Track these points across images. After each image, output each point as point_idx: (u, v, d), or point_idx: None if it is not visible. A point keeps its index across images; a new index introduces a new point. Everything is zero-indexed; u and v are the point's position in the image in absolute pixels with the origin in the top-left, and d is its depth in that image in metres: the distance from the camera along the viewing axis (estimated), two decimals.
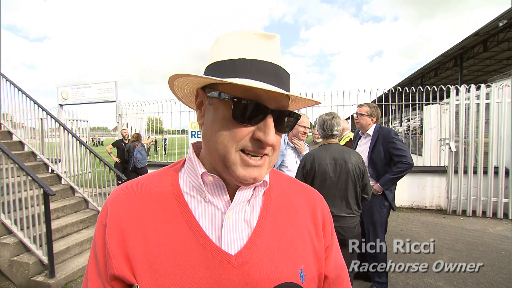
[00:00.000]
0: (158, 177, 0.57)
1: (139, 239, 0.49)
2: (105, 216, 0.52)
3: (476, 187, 5.39)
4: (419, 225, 4.86)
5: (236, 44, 0.49)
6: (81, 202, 4.42)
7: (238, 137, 0.47)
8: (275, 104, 0.48)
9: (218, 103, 0.49)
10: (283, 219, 0.57)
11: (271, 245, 0.53)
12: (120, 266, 0.48)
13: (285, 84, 0.50)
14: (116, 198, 0.54)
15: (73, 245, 3.52)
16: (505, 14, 8.09)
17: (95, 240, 0.52)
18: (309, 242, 0.57)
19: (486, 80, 5.98)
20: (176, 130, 8.34)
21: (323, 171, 2.10)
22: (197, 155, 0.56)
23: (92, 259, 0.52)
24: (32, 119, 5.18)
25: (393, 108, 6.63)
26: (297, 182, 0.67)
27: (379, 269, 2.69)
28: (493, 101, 5.27)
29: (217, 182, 0.52)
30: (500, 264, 3.37)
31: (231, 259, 0.49)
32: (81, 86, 8.57)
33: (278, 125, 0.49)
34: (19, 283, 3.06)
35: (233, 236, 0.51)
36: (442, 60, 13.48)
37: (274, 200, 0.58)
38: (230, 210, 0.52)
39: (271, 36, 0.49)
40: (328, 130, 2.20)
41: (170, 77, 0.51)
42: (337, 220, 2.07)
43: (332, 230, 0.65)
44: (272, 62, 0.48)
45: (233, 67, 0.47)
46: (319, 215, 0.62)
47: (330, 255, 0.62)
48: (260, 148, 0.48)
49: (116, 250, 0.49)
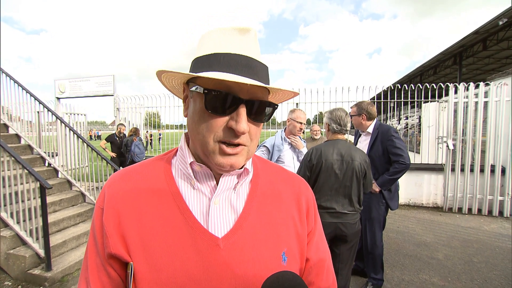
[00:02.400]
0: (152, 164, 0.61)
1: (134, 221, 0.53)
2: (102, 200, 0.56)
3: (473, 185, 5.43)
4: (416, 222, 4.90)
5: (214, 40, 0.52)
6: (78, 196, 4.41)
7: (213, 128, 0.50)
8: (248, 95, 0.50)
9: (196, 95, 0.53)
10: (269, 205, 0.60)
11: (256, 229, 0.56)
12: (116, 245, 0.51)
13: (260, 75, 0.52)
14: (112, 183, 0.57)
15: (70, 239, 3.52)
16: (505, 13, 8.07)
17: (94, 222, 0.56)
18: (292, 226, 0.61)
19: (485, 79, 5.99)
20: (174, 125, 8.32)
21: (329, 166, 2.08)
22: (188, 145, 0.60)
23: (91, 239, 0.56)
24: (29, 112, 5.14)
25: (391, 106, 6.64)
26: (284, 171, 0.71)
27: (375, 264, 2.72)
28: (491, 99, 5.28)
29: (204, 171, 0.56)
30: (494, 261, 3.41)
31: (218, 241, 0.52)
32: (78, 80, 8.49)
33: (254, 114, 0.52)
34: (15, 276, 3.06)
35: (220, 220, 0.55)
36: (442, 58, 13.46)
37: (261, 188, 0.62)
38: (216, 196, 0.55)
39: (246, 30, 0.52)
40: (343, 126, 2.19)
41: (157, 73, 0.55)
42: (339, 217, 2.07)
43: (316, 216, 0.68)
44: (244, 55, 0.51)
45: (208, 61, 0.51)
46: (303, 202, 0.65)
47: (313, 239, 0.65)
48: (234, 136, 0.50)
49: (113, 231, 0.52)
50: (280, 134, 2.76)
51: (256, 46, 0.54)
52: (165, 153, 0.64)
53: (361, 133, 2.96)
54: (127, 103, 7.87)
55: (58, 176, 4.66)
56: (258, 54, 0.53)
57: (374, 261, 2.72)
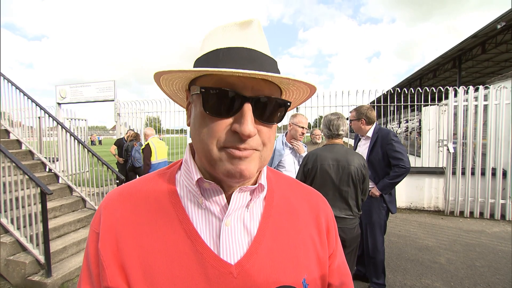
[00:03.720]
0: (154, 180, 0.54)
1: (134, 248, 0.46)
2: (98, 223, 0.50)
3: (474, 188, 5.41)
4: (417, 226, 4.87)
5: (215, 38, 0.48)
6: (79, 201, 4.40)
7: (215, 132, 0.44)
8: (253, 92, 0.43)
9: (196, 99, 0.47)
10: (285, 226, 0.54)
11: (273, 253, 0.50)
12: (114, 278, 0.45)
13: (267, 68, 0.45)
14: (109, 204, 0.51)
15: (70, 245, 3.51)
16: (503, 16, 8.13)
17: (88, 248, 0.50)
18: (312, 249, 0.55)
19: (484, 82, 6.00)
20: (175, 130, 8.33)
21: (325, 171, 2.09)
22: (193, 157, 0.54)
23: (85, 268, 0.50)
24: (30, 118, 5.16)
25: (391, 109, 6.65)
26: (299, 185, 0.64)
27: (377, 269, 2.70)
28: (491, 102, 5.29)
29: (213, 188, 0.49)
30: (497, 265, 3.38)
31: (231, 269, 0.46)
32: (79, 85, 8.54)
33: (262, 114, 0.45)
34: (15, 282, 3.04)
35: (233, 244, 0.49)
36: (441, 62, 13.52)
37: (276, 206, 0.55)
38: (228, 216, 0.49)
39: (248, 22, 0.47)
40: (334, 130, 2.19)
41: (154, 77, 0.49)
42: (338, 221, 2.05)
43: (336, 236, 0.63)
44: (246, 47, 0.45)
45: (206, 59, 0.46)
46: (322, 221, 0.59)
47: (334, 262, 0.60)
48: (240, 141, 0.43)
49: (110, 260, 0.46)
50: (281, 138, 2.77)
51: (261, 38, 0.48)
52: (167, 167, 0.58)
53: (361, 137, 2.97)
54: (128, 108, 7.90)
55: (58, 182, 4.65)
56: (263, 47, 0.47)
57: (376, 266, 2.70)
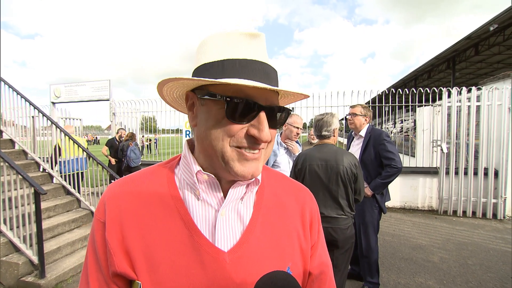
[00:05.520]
0: (154, 174, 0.58)
1: (137, 236, 0.51)
2: (103, 213, 0.54)
3: (467, 188, 5.49)
4: (411, 226, 4.93)
5: (222, 45, 0.50)
6: (73, 201, 4.36)
7: (231, 132, 0.48)
8: (266, 101, 0.49)
9: (211, 103, 0.49)
10: (273, 217, 0.59)
11: (262, 242, 0.55)
12: (121, 263, 0.49)
13: (274, 80, 0.52)
14: (113, 195, 0.55)
15: (65, 245, 3.48)
16: (496, 19, 8.24)
17: (94, 237, 0.53)
18: (296, 241, 0.60)
19: (477, 83, 6.09)
20: (170, 129, 8.29)
21: (313, 171, 2.10)
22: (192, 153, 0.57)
23: (92, 255, 0.53)
24: (23, 117, 5.10)
25: (386, 110, 6.70)
26: (288, 180, 0.69)
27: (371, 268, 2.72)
28: (483, 103, 5.37)
29: (211, 180, 0.53)
30: (489, 263, 3.44)
31: (224, 256, 0.51)
32: (74, 84, 8.46)
33: (271, 121, 0.50)
34: (8, 283, 3.01)
35: (226, 233, 0.53)
36: (435, 63, 13.66)
37: (266, 199, 0.60)
38: (224, 207, 0.53)
39: (256, 35, 0.50)
40: (317, 131, 2.23)
41: (160, 83, 0.51)
42: (329, 221, 2.05)
43: (319, 228, 0.67)
44: (259, 60, 0.50)
45: (222, 68, 0.49)
46: (307, 214, 0.64)
47: (315, 253, 0.64)
48: (255, 144, 0.49)
49: (117, 247, 0.50)
50: (276, 138, 2.78)
51: (265, 51, 0.53)
52: (166, 162, 0.62)
53: (354, 136, 2.99)
54: (123, 108, 7.85)
55: (53, 182, 4.62)
56: (268, 59, 0.53)
57: (370, 265, 2.73)
